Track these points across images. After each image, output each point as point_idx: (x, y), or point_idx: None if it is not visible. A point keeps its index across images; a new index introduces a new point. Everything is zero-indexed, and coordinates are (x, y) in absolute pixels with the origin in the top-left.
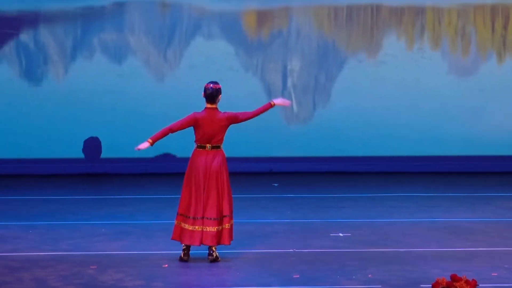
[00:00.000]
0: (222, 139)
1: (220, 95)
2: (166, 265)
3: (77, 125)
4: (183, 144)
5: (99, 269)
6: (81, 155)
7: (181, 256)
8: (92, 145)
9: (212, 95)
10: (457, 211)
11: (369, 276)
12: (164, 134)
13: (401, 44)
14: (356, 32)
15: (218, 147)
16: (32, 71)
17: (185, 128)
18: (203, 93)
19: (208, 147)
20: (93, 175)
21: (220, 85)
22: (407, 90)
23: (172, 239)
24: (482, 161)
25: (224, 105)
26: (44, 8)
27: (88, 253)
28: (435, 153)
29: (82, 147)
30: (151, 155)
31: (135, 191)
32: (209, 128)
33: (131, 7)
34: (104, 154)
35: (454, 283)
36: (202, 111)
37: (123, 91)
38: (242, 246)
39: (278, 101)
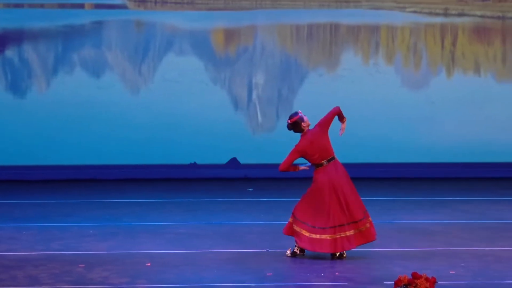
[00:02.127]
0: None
1: (300, 125)
2: (149, 264)
3: (60, 134)
4: (166, 153)
5: (87, 268)
6: (67, 162)
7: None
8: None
9: (292, 130)
10: (417, 214)
11: (336, 274)
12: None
13: (357, 59)
14: (316, 48)
15: (334, 158)
16: (17, 85)
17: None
18: None
19: (324, 162)
20: (81, 180)
21: (294, 118)
22: (364, 102)
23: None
24: (439, 167)
25: (193, 115)
26: (28, 27)
27: (77, 253)
28: (392, 160)
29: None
30: (134, 162)
31: (121, 195)
32: (315, 148)
33: (108, 25)
34: (87, 161)
35: (415, 281)
36: (301, 140)
37: (101, 103)
38: (219, 246)
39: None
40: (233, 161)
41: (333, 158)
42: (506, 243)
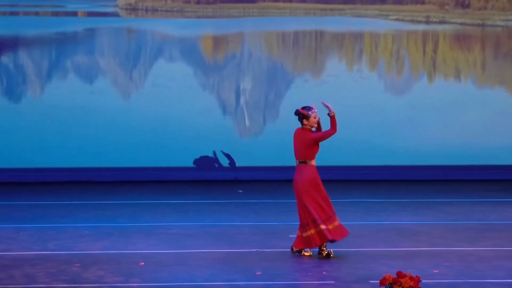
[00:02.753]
0: (306, 154)
1: (300, 118)
2: (143, 263)
3: (54, 137)
4: (157, 156)
5: (83, 267)
6: (60, 165)
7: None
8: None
9: (298, 118)
10: (401, 215)
11: (324, 273)
12: None
13: (342, 65)
14: (301, 55)
15: (305, 162)
16: (12, 90)
17: None
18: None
19: (297, 161)
20: (76, 182)
21: (301, 110)
22: (348, 107)
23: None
24: (422, 170)
25: (183, 119)
26: (23, 34)
27: (73, 253)
28: (376, 163)
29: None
30: (126, 165)
31: (114, 197)
32: (294, 144)
33: (101, 32)
34: (80, 164)
35: (399, 279)
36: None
37: (94, 107)
38: (210, 246)
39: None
40: (231, 163)
41: (304, 162)
42: (488, 243)
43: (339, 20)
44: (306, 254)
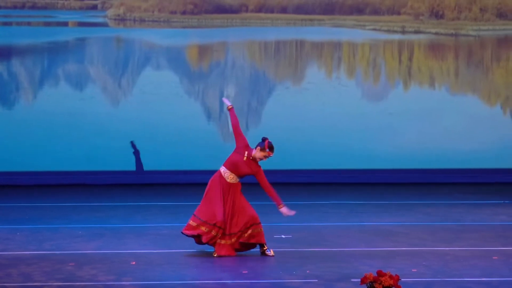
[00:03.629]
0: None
1: (261, 150)
2: (134, 263)
3: (46, 142)
4: (145, 160)
5: (76, 266)
6: (52, 168)
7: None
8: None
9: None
10: (382, 216)
11: (307, 271)
12: None
13: (321, 73)
14: (283, 63)
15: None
16: (6, 97)
17: None
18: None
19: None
20: (70, 185)
21: (267, 146)
22: (327, 113)
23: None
24: (400, 173)
25: (170, 124)
26: (16, 43)
27: (67, 252)
28: (355, 166)
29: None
30: (116, 168)
31: (107, 199)
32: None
33: (91, 41)
34: (70, 167)
35: (380, 278)
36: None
37: (84, 113)
38: (199, 247)
39: (284, 210)
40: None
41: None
42: (464, 243)
43: (319, 30)
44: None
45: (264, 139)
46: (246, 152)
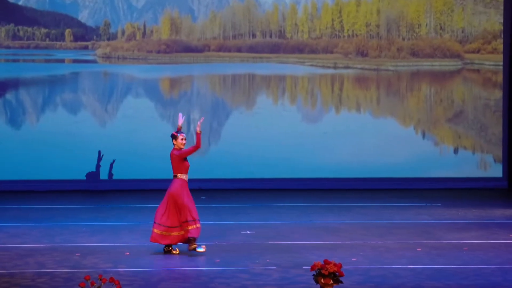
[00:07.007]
0: (174, 169)
1: (175, 140)
2: (128, 253)
3: (48, 157)
4: (129, 170)
5: (82, 256)
6: (54, 177)
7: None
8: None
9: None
10: (327, 216)
11: (267, 261)
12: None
13: (269, 101)
14: (238, 92)
15: (176, 175)
16: (14, 119)
17: None
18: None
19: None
20: (75, 191)
21: (175, 133)
22: (274, 133)
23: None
24: (341, 181)
25: (147, 143)
26: (23, 76)
27: (74, 245)
28: (298, 176)
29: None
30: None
31: (106, 202)
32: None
33: (83, 75)
34: (68, 176)
35: (326, 266)
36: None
37: (78, 133)
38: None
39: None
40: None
41: (175, 176)
42: (395, 238)
43: (267, 66)
44: (174, 252)
45: (171, 134)
46: (174, 151)
